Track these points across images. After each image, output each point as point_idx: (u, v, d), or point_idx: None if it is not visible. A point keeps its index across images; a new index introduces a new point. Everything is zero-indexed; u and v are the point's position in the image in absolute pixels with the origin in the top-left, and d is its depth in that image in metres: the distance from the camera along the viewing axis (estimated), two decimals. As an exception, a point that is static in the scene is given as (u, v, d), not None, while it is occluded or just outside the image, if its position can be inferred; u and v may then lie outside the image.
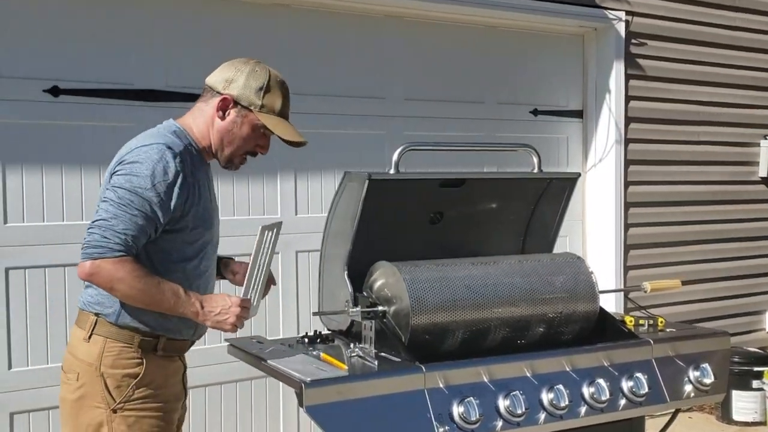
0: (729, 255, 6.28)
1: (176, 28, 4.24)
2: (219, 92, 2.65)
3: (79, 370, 2.56)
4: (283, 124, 2.69)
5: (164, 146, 2.52)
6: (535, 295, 2.94)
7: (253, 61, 2.71)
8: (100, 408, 2.53)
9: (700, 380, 3.03)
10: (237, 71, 2.66)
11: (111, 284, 2.45)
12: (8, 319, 3.84)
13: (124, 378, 2.54)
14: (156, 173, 2.47)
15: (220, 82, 2.66)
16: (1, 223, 3.81)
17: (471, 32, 5.24)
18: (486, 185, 3.29)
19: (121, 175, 2.50)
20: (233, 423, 4.45)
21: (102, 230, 2.44)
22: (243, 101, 2.64)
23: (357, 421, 2.44)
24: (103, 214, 2.47)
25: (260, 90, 2.64)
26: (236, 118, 2.65)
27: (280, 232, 2.74)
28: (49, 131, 3.91)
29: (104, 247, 2.42)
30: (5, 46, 3.80)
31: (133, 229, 2.45)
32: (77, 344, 2.60)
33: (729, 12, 6.14)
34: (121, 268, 2.43)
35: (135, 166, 2.48)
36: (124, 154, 2.56)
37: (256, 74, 2.65)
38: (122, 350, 2.55)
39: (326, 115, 4.69)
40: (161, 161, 2.49)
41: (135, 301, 2.50)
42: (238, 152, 2.70)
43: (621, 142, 5.65)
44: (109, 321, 2.55)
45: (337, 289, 2.95)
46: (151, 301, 2.50)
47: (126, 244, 2.44)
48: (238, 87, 2.64)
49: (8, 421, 3.84)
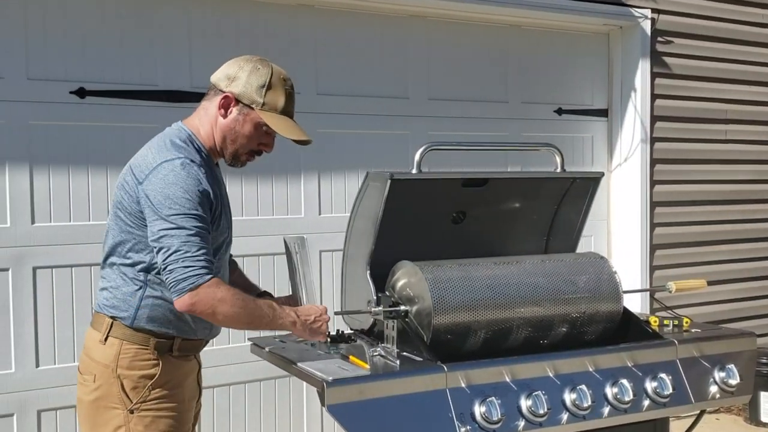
0: (756, 255, 6.21)
1: (201, 29, 4.26)
2: (221, 90, 2.63)
3: (96, 372, 2.57)
4: (286, 122, 2.65)
5: (188, 161, 2.49)
6: (558, 295, 2.93)
7: (256, 58, 2.68)
8: (117, 409, 2.54)
9: (725, 381, 3.00)
10: (239, 68, 2.63)
11: (213, 308, 2.43)
12: (36, 318, 3.89)
13: (140, 379, 2.54)
14: (190, 190, 2.44)
15: (223, 79, 2.64)
16: (29, 222, 3.86)
17: (495, 31, 5.22)
18: (509, 185, 3.28)
19: (161, 201, 2.44)
20: (257, 422, 4.47)
21: (180, 262, 2.40)
22: (244, 99, 2.61)
23: (379, 420, 2.44)
24: (170, 246, 2.41)
25: (262, 87, 2.61)
26: (238, 116, 2.63)
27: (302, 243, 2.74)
28: (75, 132, 3.96)
29: (191, 276, 2.39)
30: (32, 48, 3.85)
31: (204, 247, 2.44)
32: (93, 346, 2.61)
33: (756, 9, 6.07)
34: (217, 290, 2.42)
35: (171, 189, 2.44)
36: (146, 170, 2.51)
37: (258, 72, 2.62)
38: (138, 352, 2.55)
39: (350, 115, 4.71)
40: (190, 176, 2.46)
41: (237, 320, 2.50)
42: (242, 150, 2.68)
43: (647, 140, 5.60)
44: (125, 324, 2.56)
45: (360, 289, 2.96)
46: (252, 318, 2.51)
47: (208, 263, 2.43)
48: (239, 85, 2.61)
49: (36, 419, 3.89)
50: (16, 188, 3.83)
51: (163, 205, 2.44)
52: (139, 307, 2.54)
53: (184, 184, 2.45)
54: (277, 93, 2.63)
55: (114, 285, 2.59)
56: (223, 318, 2.47)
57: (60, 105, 3.92)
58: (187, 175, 2.46)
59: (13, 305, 3.84)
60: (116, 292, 2.58)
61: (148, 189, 2.48)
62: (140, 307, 2.54)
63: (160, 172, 2.48)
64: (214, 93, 2.66)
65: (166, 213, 2.43)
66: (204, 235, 2.45)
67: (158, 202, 2.45)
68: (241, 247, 2.81)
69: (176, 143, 2.58)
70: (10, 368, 3.84)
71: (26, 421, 3.86)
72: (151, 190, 2.47)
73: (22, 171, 3.84)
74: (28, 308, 3.87)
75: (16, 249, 3.83)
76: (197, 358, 2.77)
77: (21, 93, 3.83)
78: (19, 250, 3.83)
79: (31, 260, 3.86)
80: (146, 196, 2.47)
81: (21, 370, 3.86)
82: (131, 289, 2.56)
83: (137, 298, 2.55)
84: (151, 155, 2.56)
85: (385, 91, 4.84)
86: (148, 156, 2.56)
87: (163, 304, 2.55)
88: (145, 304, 2.55)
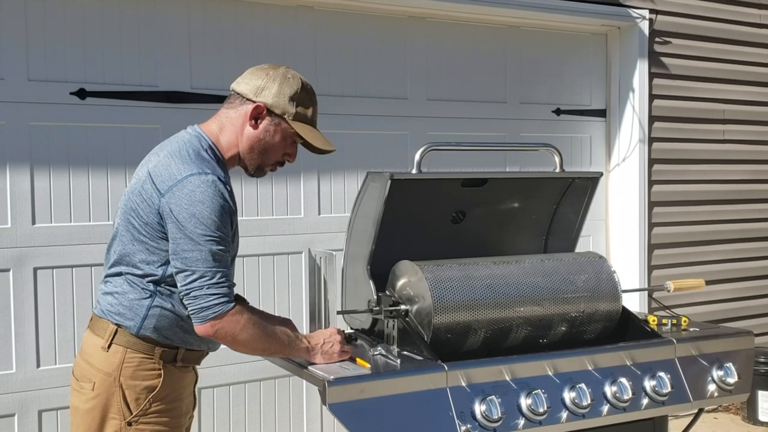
0: (754, 254, 6.23)
1: (201, 30, 4.28)
2: (251, 100, 2.57)
3: (96, 380, 2.50)
4: (314, 133, 2.65)
5: (215, 178, 2.43)
6: (557, 294, 2.94)
7: (283, 67, 2.64)
8: (115, 419, 2.49)
9: (723, 380, 3.01)
10: (268, 78, 2.58)
11: (234, 338, 2.43)
12: (36, 319, 3.90)
13: (143, 391, 2.50)
14: (216, 210, 2.40)
15: (252, 89, 2.58)
16: (30, 223, 3.87)
17: (493, 32, 5.24)
18: (508, 185, 3.29)
19: (187, 218, 2.38)
20: (257, 421, 4.49)
21: (205, 289, 2.38)
22: (277, 109, 2.58)
23: (379, 419, 2.45)
24: (194, 270, 2.38)
25: (293, 98, 2.58)
26: (269, 126, 2.59)
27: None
28: (75, 133, 3.97)
29: (216, 304, 2.39)
30: (32, 49, 3.86)
31: (227, 272, 2.43)
32: (94, 352, 2.53)
33: (753, 9, 6.09)
34: (240, 317, 2.43)
35: (198, 208, 2.38)
36: (169, 181, 2.43)
37: (288, 81, 2.59)
38: (142, 361, 2.50)
39: (349, 115, 4.72)
40: (217, 195, 2.41)
41: (255, 348, 2.51)
42: (268, 161, 2.65)
43: (645, 141, 5.62)
44: (129, 332, 2.50)
45: (360, 289, 2.97)
46: (269, 346, 2.53)
47: (229, 290, 2.42)
48: (271, 95, 2.57)
49: (37, 419, 3.90)
50: (17, 189, 3.84)
51: (189, 222, 2.38)
52: (146, 317, 2.49)
53: (211, 204, 2.39)
54: (307, 103, 2.62)
55: (120, 291, 2.52)
56: (243, 346, 2.48)
57: (60, 106, 3.93)
58: (214, 194, 2.40)
59: (14, 305, 3.85)
60: (122, 298, 2.52)
61: (172, 203, 2.40)
62: (147, 317, 2.49)
63: (187, 186, 2.40)
64: (240, 102, 2.60)
65: (193, 233, 2.38)
66: (226, 259, 2.44)
67: (184, 219, 2.38)
68: (241, 247, 2.81)
69: (201, 155, 2.51)
70: (11, 368, 3.85)
71: (27, 421, 3.87)
72: (176, 204, 2.40)
73: (23, 172, 3.85)
74: (29, 308, 3.88)
75: (17, 250, 3.84)
76: (195, 370, 2.74)
77: (21, 94, 3.84)
78: (19, 250, 3.85)
79: (32, 261, 3.88)
80: (170, 210, 2.40)
81: (22, 370, 3.87)
82: (139, 296, 2.50)
83: (145, 307, 2.49)
84: (174, 165, 2.46)
85: (384, 91, 4.86)
86: (171, 166, 2.46)
87: (170, 315, 2.51)
88: (153, 314, 2.50)
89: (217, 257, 2.40)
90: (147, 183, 2.48)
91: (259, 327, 2.48)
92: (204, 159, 2.49)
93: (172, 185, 2.42)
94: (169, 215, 2.41)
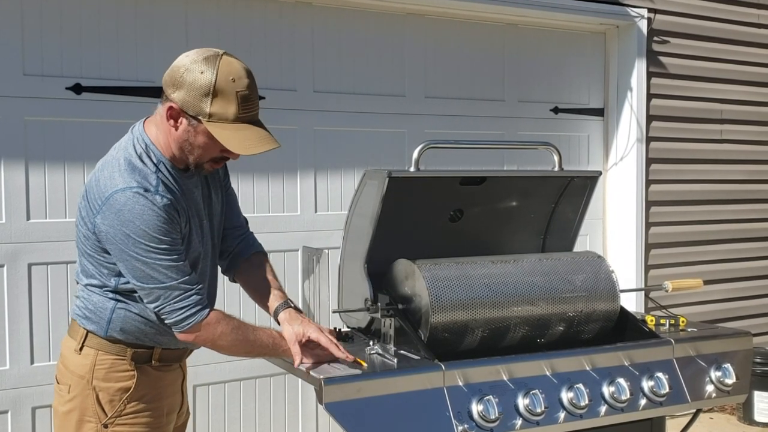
0: (752, 254, 6.23)
1: (198, 25, 4.25)
2: (167, 98, 2.33)
3: (71, 383, 2.47)
4: (241, 133, 2.30)
5: (139, 191, 2.27)
6: (555, 293, 2.93)
7: (204, 56, 2.30)
8: (91, 422, 2.45)
9: (721, 380, 3.00)
10: (185, 71, 2.28)
11: (213, 343, 2.41)
12: (30, 315, 3.87)
13: (116, 392, 2.45)
14: (149, 224, 2.26)
15: (169, 84, 2.32)
16: (24, 219, 3.85)
17: (492, 30, 5.22)
18: (506, 183, 3.28)
19: (123, 240, 2.27)
20: (252, 419, 4.47)
21: (173, 304, 2.32)
22: (189, 110, 2.29)
23: (376, 418, 2.44)
24: (151, 291, 2.32)
25: (207, 96, 2.26)
26: (188, 128, 2.32)
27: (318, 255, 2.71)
28: (71, 128, 3.94)
29: (187, 316, 2.35)
30: (28, 44, 3.84)
31: (188, 278, 2.34)
32: (68, 355, 2.51)
33: (751, 9, 6.09)
34: (217, 326, 2.39)
35: (130, 228, 2.26)
36: (99, 200, 2.31)
37: (201, 76, 2.26)
38: (114, 363, 2.45)
39: (347, 113, 4.70)
40: (146, 209, 2.26)
41: (238, 352, 2.48)
42: (202, 160, 2.40)
43: (642, 140, 5.61)
44: (98, 335, 2.45)
45: (357, 287, 2.95)
46: (252, 348, 2.49)
47: (199, 296, 2.36)
48: (182, 93, 2.28)
49: (30, 416, 3.88)
50: (12, 184, 3.82)
51: (127, 244, 2.27)
52: (111, 320, 2.44)
53: (141, 220, 2.26)
54: (226, 99, 2.27)
55: (85, 295, 2.48)
56: (224, 350, 2.46)
57: (56, 101, 3.90)
58: (142, 209, 2.26)
59: (8, 302, 3.82)
60: (87, 302, 2.47)
61: (106, 224, 2.30)
62: (112, 320, 2.44)
63: (114, 206, 2.28)
64: (163, 97, 2.37)
65: (135, 252, 2.27)
66: (183, 266, 2.34)
67: (121, 241, 2.28)
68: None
69: (131, 162, 2.34)
70: (5, 365, 3.83)
71: (21, 418, 3.85)
72: (110, 226, 2.29)
73: (18, 167, 3.82)
74: (23, 305, 3.86)
75: (11, 245, 3.82)
76: (182, 367, 2.67)
77: (17, 88, 3.81)
78: (14, 246, 3.82)
79: (27, 257, 3.85)
80: (106, 232, 2.30)
81: (16, 366, 3.85)
82: (102, 300, 2.44)
83: (108, 310, 2.44)
84: (103, 180, 2.33)
85: (381, 89, 4.84)
86: (100, 181, 2.34)
87: (137, 318, 2.44)
88: (117, 317, 2.44)
89: (171, 269, 2.31)
90: (83, 199, 2.41)
91: (240, 330, 2.45)
92: (134, 168, 2.33)
93: (101, 204, 2.31)
94: (106, 238, 2.31)
